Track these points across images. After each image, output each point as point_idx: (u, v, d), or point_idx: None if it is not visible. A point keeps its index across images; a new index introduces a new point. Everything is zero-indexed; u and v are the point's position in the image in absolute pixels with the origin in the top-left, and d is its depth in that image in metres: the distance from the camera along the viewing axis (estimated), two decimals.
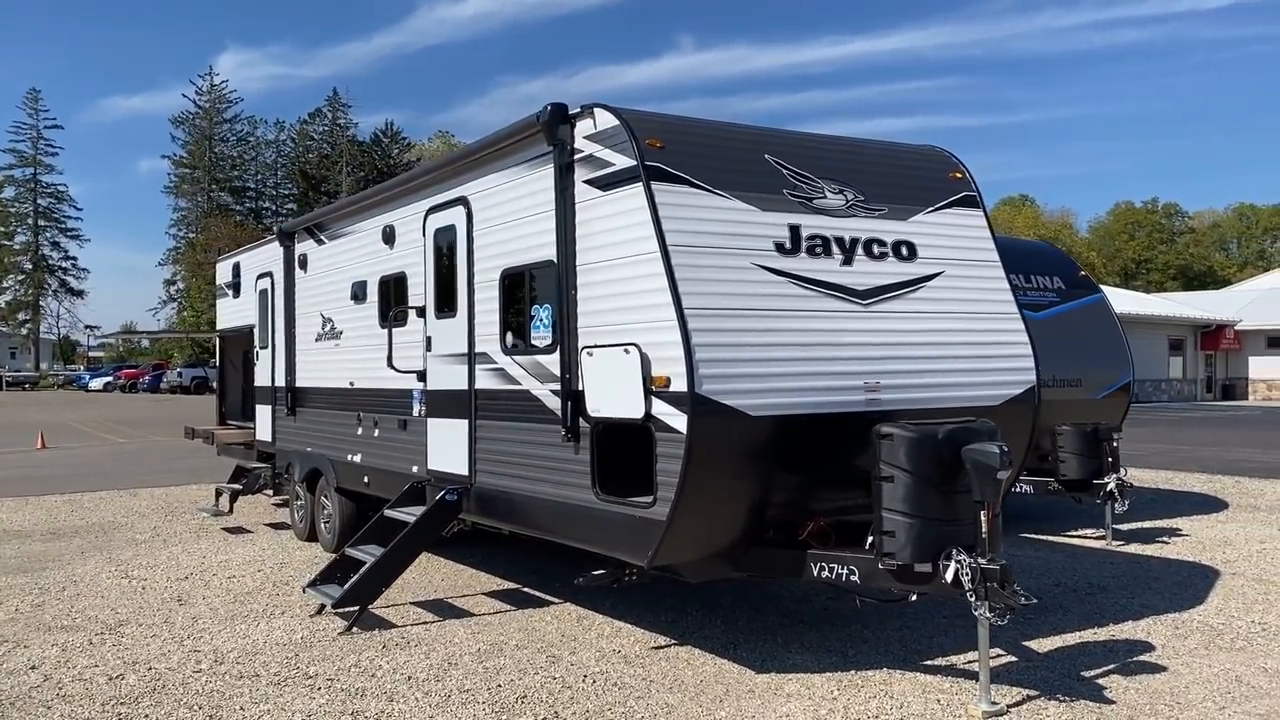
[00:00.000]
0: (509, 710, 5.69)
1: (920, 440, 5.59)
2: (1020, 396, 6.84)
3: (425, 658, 6.69)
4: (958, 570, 5.48)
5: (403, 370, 8.42)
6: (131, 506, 14.02)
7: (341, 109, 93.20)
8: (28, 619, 7.78)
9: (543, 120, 6.52)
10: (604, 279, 6.25)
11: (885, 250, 6.59)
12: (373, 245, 9.35)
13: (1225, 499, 14.12)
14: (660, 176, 5.95)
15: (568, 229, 6.51)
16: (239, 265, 13.35)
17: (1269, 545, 10.60)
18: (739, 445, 5.77)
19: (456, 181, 7.95)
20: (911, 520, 5.58)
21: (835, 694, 5.94)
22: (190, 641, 7.11)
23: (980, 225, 7.15)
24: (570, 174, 6.51)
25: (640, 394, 5.83)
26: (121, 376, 67.12)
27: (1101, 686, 6.07)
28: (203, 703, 5.83)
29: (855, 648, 6.86)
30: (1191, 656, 6.67)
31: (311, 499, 10.82)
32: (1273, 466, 18.15)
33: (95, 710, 5.73)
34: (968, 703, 5.76)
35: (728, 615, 7.66)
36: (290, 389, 11.29)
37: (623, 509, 6.09)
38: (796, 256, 6.23)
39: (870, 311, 6.38)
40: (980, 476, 5.55)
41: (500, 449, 7.37)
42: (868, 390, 6.19)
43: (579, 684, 6.14)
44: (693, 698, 5.89)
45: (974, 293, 6.89)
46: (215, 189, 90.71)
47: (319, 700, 5.86)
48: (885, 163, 7.04)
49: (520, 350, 7.10)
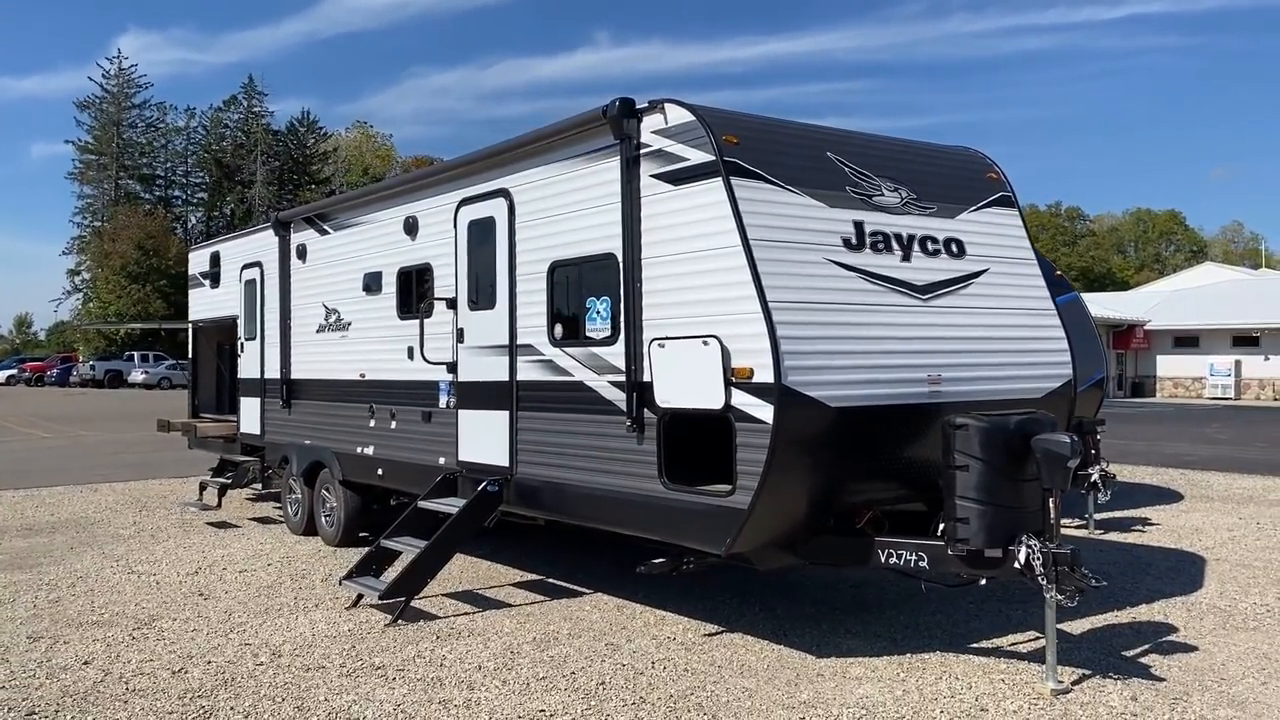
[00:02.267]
0: (594, 696, 5.77)
1: (994, 430, 5.82)
2: (1058, 390, 7.14)
3: (484, 647, 6.72)
4: (1029, 555, 5.72)
5: (433, 362, 8.39)
6: (98, 502, 13.63)
7: (257, 97, 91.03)
8: (52, 615, 7.58)
9: (610, 114, 6.59)
10: (675, 272, 6.34)
11: (938, 247, 6.81)
12: (390, 236, 9.28)
13: (1178, 490, 14.76)
14: (738, 172, 6.07)
15: (634, 222, 6.58)
16: (218, 255, 13.07)
17: (1238, 533, 11.16)
18: (818, 435, 5.93)
19: (496, 174, 7.96)
20: (984, 507, 5.80)
21: (901, 676, 6.14)
22: (235, 635, 7.02)
23: (1018, 225, 7.43)
24: (636, 167, 6.59)
25: (720, 385, 5.94)
26: (26, 369, 64.61)
27: (1146, 665, 6.38)
28: (282, 694, 5.79)
29: (900, 633, 7.08)
30: (1214, 637, 7.03)
31: (310, 493, 10.68)
32: (1207, 459, 19.01)
33: (173, 704, 5.64)
34: (1032, 682, 6.01)
35: (763, 603, 7.82)
36: (285, 381, 11.11)
37: (695, 498, 6.20)
38: (862, 252, 6.42)
39: (929, 306, 6.60)
40: (1050, 465, 5.80)
41: (546, 440, 7.42)
42: (930, 383, 6.41)
43: (650, 670, 6.24)
44: (767, 682, 6.03)
45: (1016, 289, 7.16)
46: (123, 176, 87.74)
47: (400, 690, 5.86)
48: (930, 162, 7.27)
49: (572, 342, 7.15)
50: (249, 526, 11.57)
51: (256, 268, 11.82)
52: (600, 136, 6.87)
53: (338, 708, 5.58)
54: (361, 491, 10.10)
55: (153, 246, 75.61)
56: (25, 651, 6.64)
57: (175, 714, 5.49)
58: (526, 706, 5.61)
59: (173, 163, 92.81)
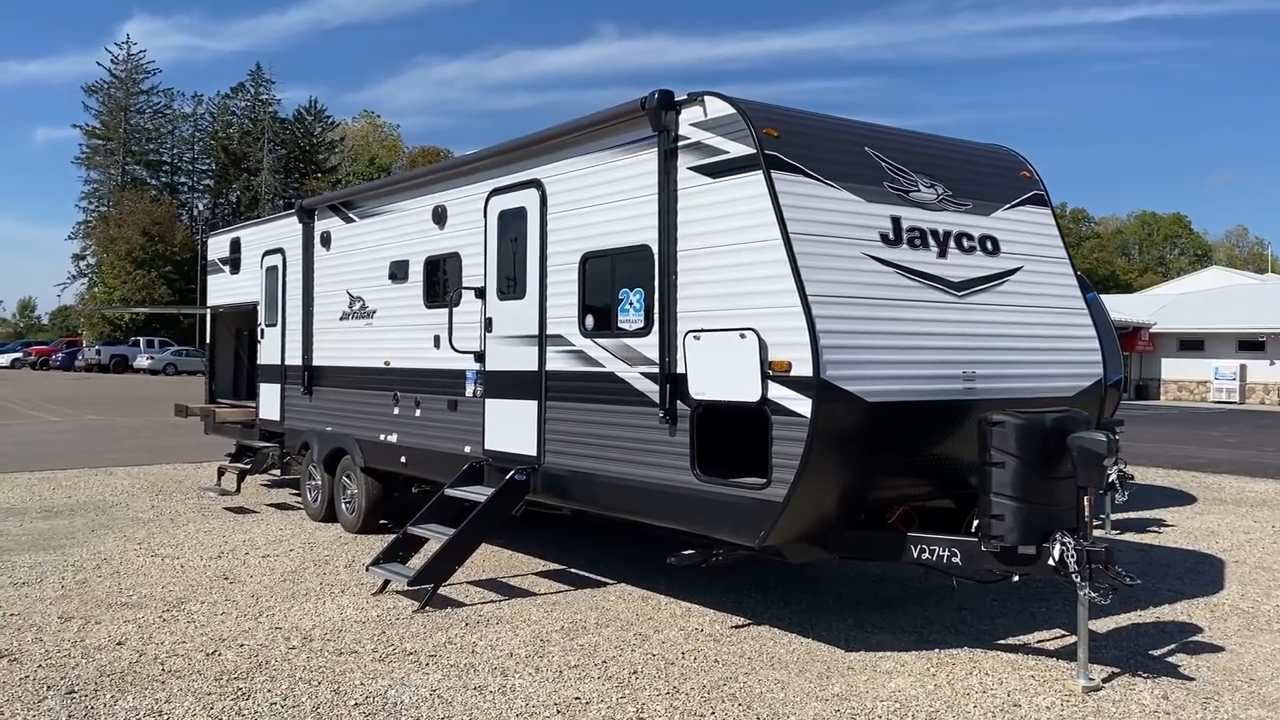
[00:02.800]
0: (629, 685, 5.79)
1: (1030, 428, 5.84)
2: (1089, 389, 7.16)
3: (514, 635, 6.74)
4: (1063, 552, 5.74)
5: (461, 351, 8.40)
6: (114, 485, 13.66)
7: (265, 85, 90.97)
8: (81, 596, 7.61)
9: (649, 106, 6.60)
10: (712, 264, 6.36)
11: (973, 244, 6.83)
12: (418, 225, 9.29)
13: (1190, 492, 14.78)
14: (778, 165, 6.09)
15: (670, 214, 6.60)
16: (238, 240, 13.09)
17: (1254, 536, 11.17)
18: (855, 430, 5.95)
19: (527, 164, 7.97)
20: (1020, 504, 5.82)
21: (932, 671, 6.16)
22: (265, 619, 7.05)
23: (1050, 223, 7.44)
24: (673, 160, 6.61)
25: (757, 378, 5.96)
26: (32, 353, 64.67)
27: (1174, 665, 6.40)
28: (317, 678, 5.81)
29: (926, 628, 7.10)
30: (1239, 638, 7.05)
31: (330, 479, 10.70)
32: (1217, 462, 19.01)
33: (211, 685, 5.67)
34: (1062, 679, 6.03)
35: (786, 597, 7.85)
36: (307, 368, 11.14)
37: (729, 491, 6.22)
38: (899, 247, 6.43)
39: (965, 303, 6.62)
40: (1086, 463, 5.83)
41: (575, 430, 7.44)
42: (965, 379, 6.43)
43: (681, 660, 6.26)
44: (798, 674, 6.06)
45: (1049, 288, 7.18)
46: (130, 162, 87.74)
47: (434, 676, 5.88)
48: (965, 159, 7.28)
49: (604, 333, 7.17)
50: (267, 512, 11.60)
51: (279, 254, 11.83)
52: (637, 128, 6.88)
53: (373, 692, 5.61)
54: (383, 479, 10.12)
55: (158, 232, 75.70)
56: (58, 631, 6.67)
57: (213, 695, 5.51)
58: (561, 694, 5.63)
59: (179, 149, 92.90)
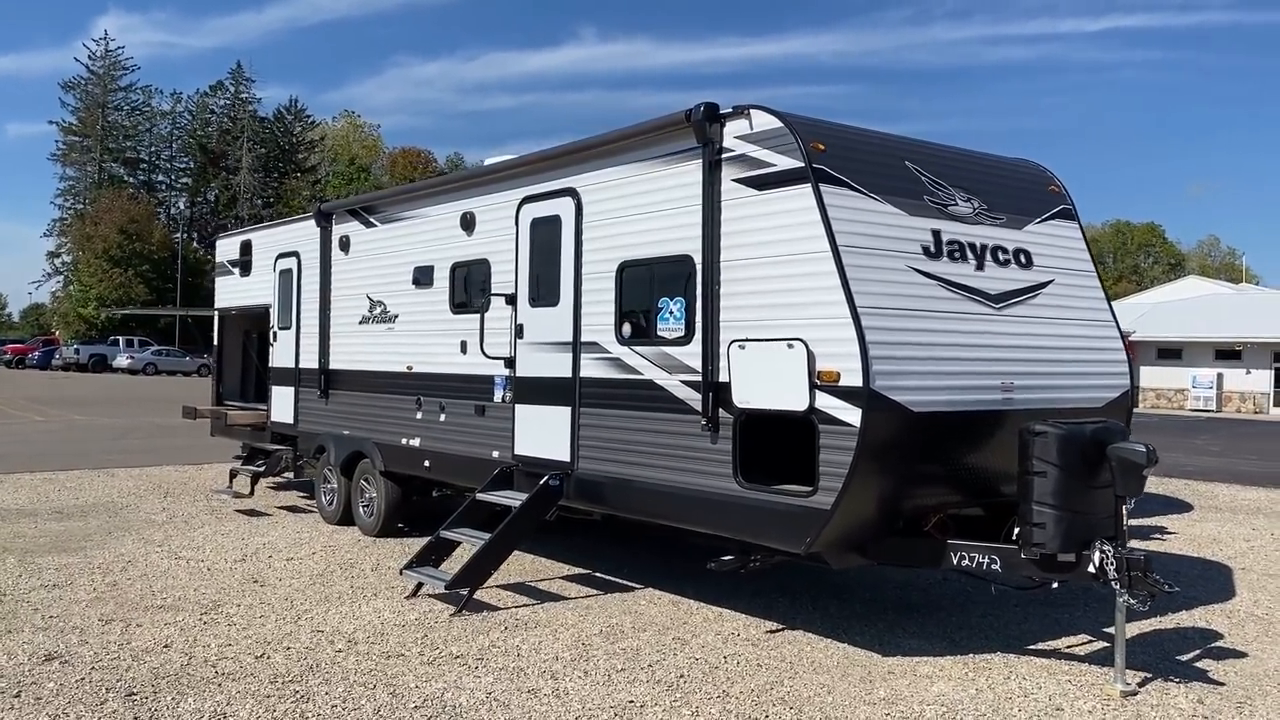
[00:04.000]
0: (677, 689, 5.89)
1: (1071, 438, 5.98)
2: (1118, 399, 7.32)
3: (554, 639, 6.82)
4: (1102, 560, 5.89)
5: (493, 356, 8.48)
6: (118, 487, 13.62)
7: (245, 83, 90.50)
8: (115, 598, 7.62)
9: (694, 118, 6.71)
10: (758, 275, 6.47)
11: (1008, 257, 6.98)
12: (444, 231, 9.36)
13: (1186, 500, 15.03)
14: (825, 179, 6.21)
15: (714, 225, 6.71)
16: (249, 243, 13.09)
17: (1255, 543, 11.40)
18: (900, 439, 6.07)
19: (562, 173, 8.06)
20: (1060, 512, 5.97)
21: (970, 676, 6.30)
22: (304, 622, 7.09)
23: (1078, 237, 7.61)
24: (717, 171, 6.72)
25: (805, 387, 6.08)
26: (8, 351, 63.98)
27: (1203, 670, 6.57)
28: (371, 681, 5.88)
29: (956, 633, 7.24)
30: (1260, 644, 7.23)
31: (347, 483, 10.74)
32: (1207, 470, 19.32)
33: (268, 687, 5.73)
34: (1098, 683, 6.18)
35: (814, 603, 7.97)
36: (324, 371, 11.17)
37: (774, 498, 6.33)
38: (940, 260, 6.57)
39: (1002, 315, 6.76)
40: (1125, 473, 5.98)
41: (610, 436, 7.53)
42: (1004, 390, 6.57)
43: (724, 665, 6.36)
44: (841, 679, 6.17)
45: (1079, 300, 7.34)
46: (106, 159, 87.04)
47: (486, 679, 5.96)
48: (996, 173, 7.43)
49: (643, 341, 7.27)
50: (280, 515, 11.61)
51: (293, 257, 11.86)
52: (678, 140, 6.98)
53: (430, 695, 5.68)
54: (402, 482, 10.17)
55: (136, 231, 75.12)
56: (101, 634, 6.70)
57: (272, 698, 5.57)
58: (615, 697, 5.72)
59: (157, 147, 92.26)
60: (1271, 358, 44.78)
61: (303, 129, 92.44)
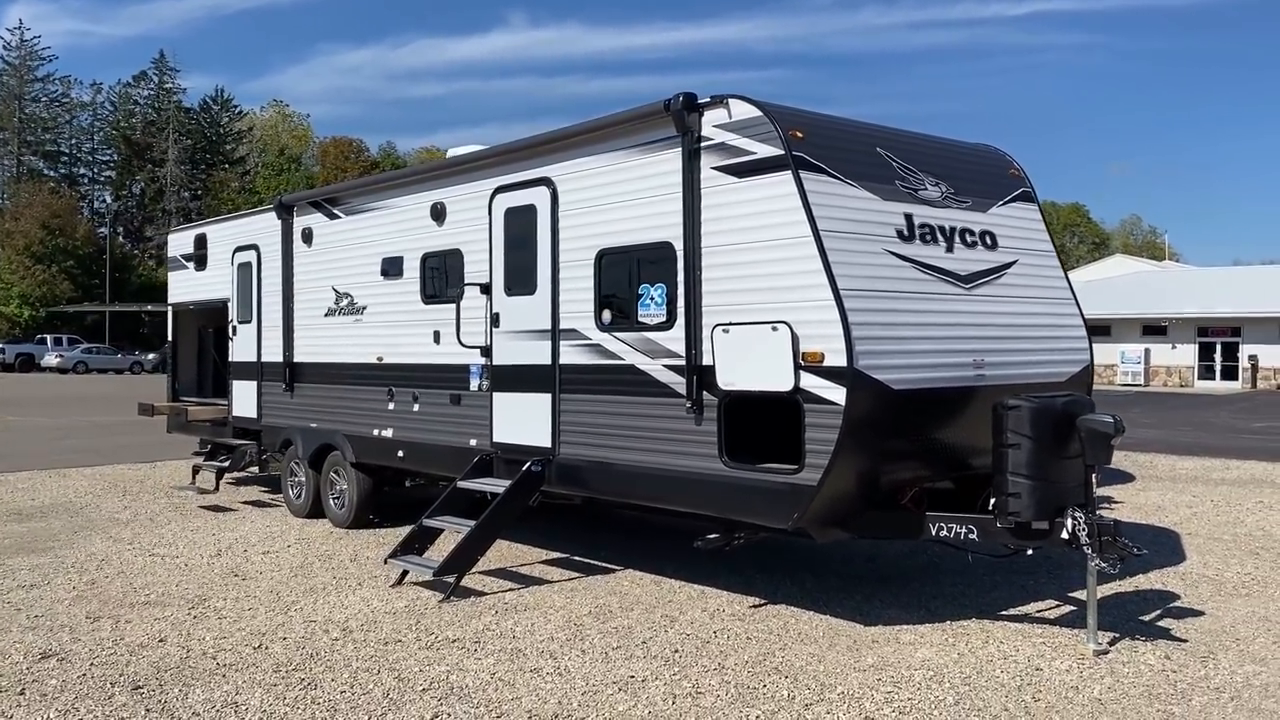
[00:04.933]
0: (674, 663, 6.07)
1: (1043, 411, 6.26)
2: (1079, 374, 7.64)
3: (546, 620, 6.96)
4: (1074, 526, 6.19)
5: (469, 346, 8.56)
6: (74, 486, 13.43)
7: (169, 73, 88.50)
8: (99, 597, 7.59)
9: (674, 108, 6.86)
10: (740, 260, 6.65)
11: (975, 239, 7.24)
12: (413, 221, 9.40)
13: (1128, 470, 15.59)
14: (805, 166, 6.41)
15: (694, 213, 6.87)
16: (204, 237, 12.96)
17: (1197, 509, 11.91)
18: (881, 416, 6.30)
19: (537, 163, 8.16)
20: (1035, 482, 6.24)
21: (950, 641, 6.57)
22: (295, 613, 7.14)
23: (1038, 219, 7.92)
24: (696, 160, 6.88)
25: (790, 368, 6.28)
26: None
27: (1165, 628, 6.91)
28: (374, 666, 5.97)
29: (931, 603, 7.52)
30: (1214, 602, 7.61)
31: (315, 476, 10.73)
32: (1144, 441, 19.96)
33: (273, 676, 5.79)
34: (1071, 644, 6.49)
35: (791, 577, 8.20)
36: (288, 364, 11.13)
37: (760, 476, 6.53)
38: (913, 243, 6.81)
39: (971, 295, 7.03)
40: (1094, 443, 6.28)
41: (591, 421, 7.67)
42: (975, 366, 6.84)
43: (715, 639, 6.56)
44: (829, 648, 6.41)
45: (1041, 279, 7.64)
46: (25, 152, 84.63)
47: (487, 661, 6.09)
48: (960, 158, 7.69)
49: (623, 327, 7.41)
50: (245, 510, 11.56)
51: (252, 250, 11.78)
52: (656, 129, 7.13)
53: (434, 677, 5.79)
54: (373, 474, 10.21)
55: (59, 226, 73.10)
56: (92, 631, 6.69)
57: (279, 686, 5.64)
58: (616, 673, 5.89)
59: (78, 139, 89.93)
60: (1196, 333, 46.27)
61: (230, 119, 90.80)
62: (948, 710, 5.39)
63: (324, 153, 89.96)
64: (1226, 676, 5.93)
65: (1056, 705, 5.45)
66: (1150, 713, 5.37)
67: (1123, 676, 5.91)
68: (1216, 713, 5.38)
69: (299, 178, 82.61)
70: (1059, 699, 5.55)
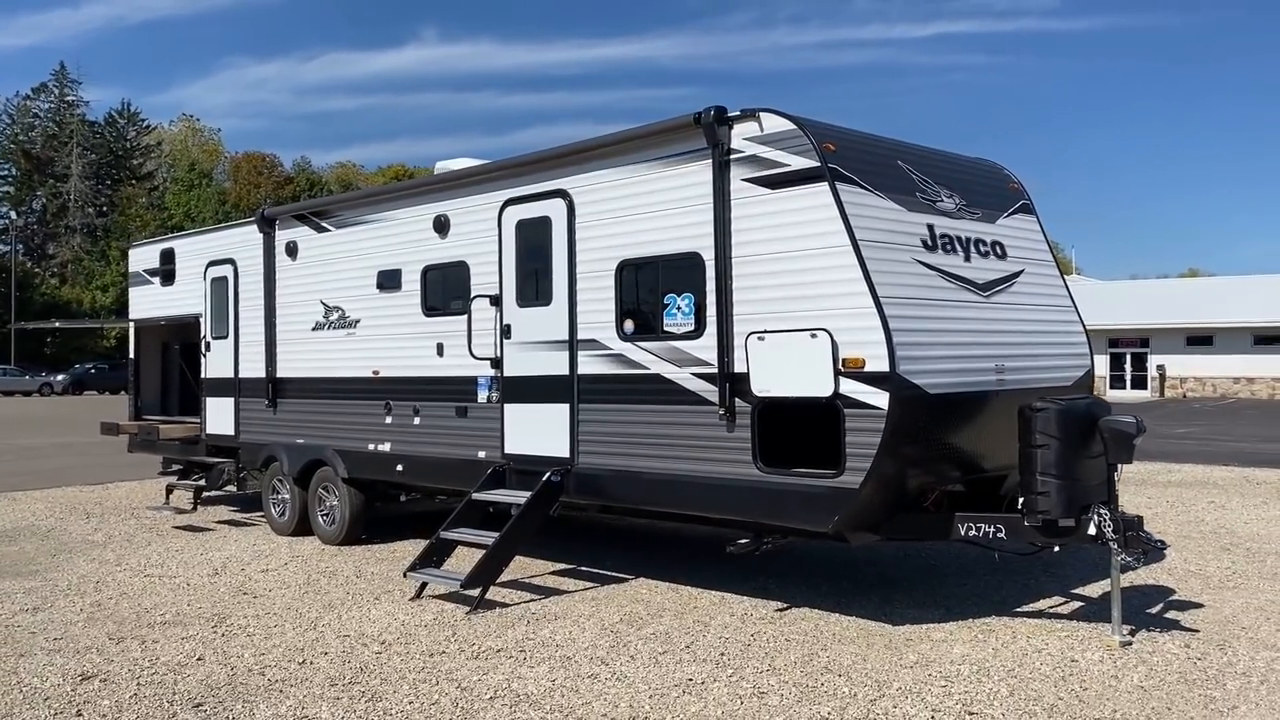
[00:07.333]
0: (727, 665, 6.16)
1: (1069, 413, 6.53)
2: (1081, 378, 7.96)
3: (581, 630, 6.99)
4: (1100, 523, 6.46)
5: (480, 357, 8.55)
6: (31, 510, 12.98)
7: (70, 85, 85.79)
8: (112, 618, 7.39)
9: (704, 121, 6.99)
10: (774, 269, 6.79)
11: (988, 249, 7.51)
12: (413, 234, 9.36)
13: None
14: (839, 177, 6.59)
15: (725, 223, 7.01)
16: (171, 251, 12.67)
17: (1157, 511, 12.41)
18: (919, 420, 6.50)
19: (551, 175, 8.21)
20: (1062, 481, 6.50)
21: (980, 638, 6.78)
22: (324, 629, 7.06)
23: (1039, 230, 8.23)
24: (726, 171, 7.01)
25: (829, 374, 6.44)
26: None
27: (1174, 620, 7.23)
28: (432, 677, 5.94)
29: (947, 602, 7.73)
30: (1208, 594, 7.98)
31: (302, 493, 10.57)
32: None
33: (329, 690, 5.73)
34: (1096, 636, 6.75)
35: (806, 581, 8.35)
36: (271, 380, 10.95)
37: (798, 481, 6.67)
38: (936, 253, 7.04)
39: (989, 302, 7.29)
40: (1117, 443, 6.57)
41: (613, 430, 7.73)
42: (996, 371, 7.08)
43: (755, 642, 6.67)
44: (868, 647, 6.56)
45: (1046, 288, 7.95)
46: None
47: (541, 669, 6.10)
48: (967, 172, 7.97)
49: (647, 336, 7.50)
50: (223, 530, 11.32)
51: (228, 265, 11.57)
52: (683, 142, 7.25)
53: (496, 686, 5.79)
54: (366, 489, 10.11)
55: None
56: (121, 652, 6.52)
57: (342, 699, 5.58)
58: (675, 675, 5.95)
59: None
60: (1107, 343, 47.96)
61: (137, 134, 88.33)
62: (1004, 701, 5.58)
63: (236, 168, 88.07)
64: (1248, 663, 6.23)
65: (1105, 694, 5.68)
66: (1192, 697, 5.63)
67: (1155, 666, 6.17)
68: (1252, 694, 5.67)
69: (210, 194, 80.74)
70: (1105, 688, 5.78)
